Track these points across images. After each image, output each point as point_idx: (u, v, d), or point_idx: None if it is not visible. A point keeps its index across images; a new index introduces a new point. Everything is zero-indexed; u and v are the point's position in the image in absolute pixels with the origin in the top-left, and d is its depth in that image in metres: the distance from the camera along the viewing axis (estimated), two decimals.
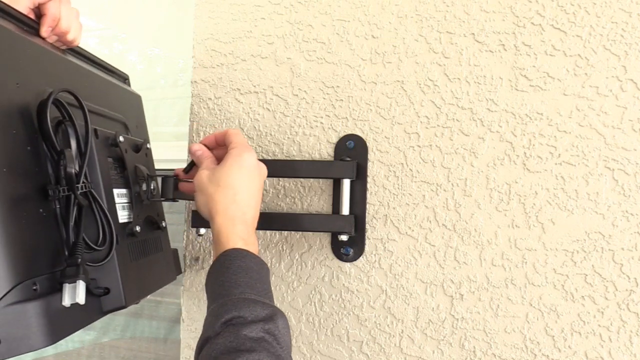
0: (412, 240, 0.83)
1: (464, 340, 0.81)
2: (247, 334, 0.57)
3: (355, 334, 0.86)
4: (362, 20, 0.86)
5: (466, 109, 0.82)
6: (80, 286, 0.54)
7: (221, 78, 0.93)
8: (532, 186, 0.79)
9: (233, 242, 0.66)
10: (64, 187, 0.56)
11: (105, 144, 0.67)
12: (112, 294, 0.61)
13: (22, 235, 0.51)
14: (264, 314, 0.60)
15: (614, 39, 0.76)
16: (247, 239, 0.67)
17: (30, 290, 0.50)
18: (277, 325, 0.60)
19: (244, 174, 0.70)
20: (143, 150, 0.77)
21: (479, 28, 0.81)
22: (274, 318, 0.60)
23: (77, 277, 0.54)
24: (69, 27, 0.69)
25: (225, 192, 0.69)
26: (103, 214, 0.61)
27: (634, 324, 0.74)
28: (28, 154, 0.55)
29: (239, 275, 0.63)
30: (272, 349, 0.57)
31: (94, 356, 1.52)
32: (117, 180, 0.68)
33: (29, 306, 0.49)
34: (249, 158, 0.71)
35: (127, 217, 0.69)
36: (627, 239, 0.75)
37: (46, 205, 0.56)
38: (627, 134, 0.75)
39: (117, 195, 0.67)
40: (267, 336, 0.58)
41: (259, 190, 0.72)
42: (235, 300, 0.60)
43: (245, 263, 0.65)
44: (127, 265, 0.65)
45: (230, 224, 0.67)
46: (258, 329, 0.58)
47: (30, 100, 0.56)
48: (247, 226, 0.69)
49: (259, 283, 0.64)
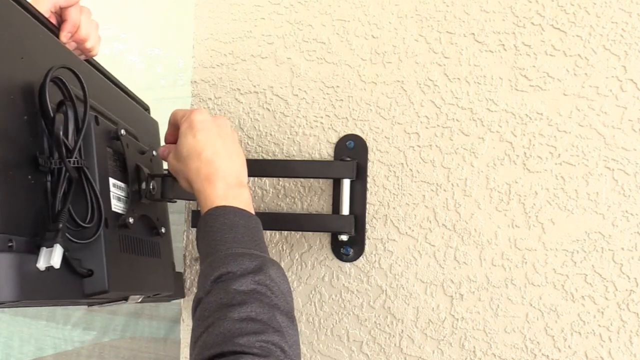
0: (412, 240, 0.83)
1: (464, 340, 0.81)
2: (237, 288, 0.56)
3: (355, 334, 0.86)
4: (362, 20, 0.86)
5: (466, 109, 0.82)
6: (57, 250, 0.53)
7: (221, 78, 0.93)
8: (532, 186, 0.79)
9: (212, 201, 0.64)
10: (56, 160, 0.56)
11: (106, 134, 0.67)
12: (95, 276, 0.60)
13: (4, 193, 0.51)
14: (252, 265, 0.58)
15: (614, 39, 0.76)
16: (227, 194, 0.64)
17: (5, 244, 0.50)
18: (269, 274, 0.58)
19: (200, 133, 0.66)
20: (148, 155, 0.78)
21: (479, 28, 0.81)
22: (263, 268, 0.58)
23: (55, 240, 0.54)
24: (88, 35, 0.70)
25: (192, 157, 0.66)
26: (93, 192, 0.60)
27: (634, 324, 0.74)
28: (24, 122, 0.55)
29: (224, 232, 0.61)
30: (266, 299, 0.56)
31: (93, 356, 1.52)
32: (115, 171, 0.68)
33: (2, 256, 0.49)
34: (199, 116, 0.67)
35: (121, 209, 0.69)
36: (627, 239, 0.75)
37: (36, 175, 0.56)
38: (627, 134, 0.75)
39: (113, 185, 0.67)
40: (258, 287, 0.57)
41: (226, 139, 0.68)
42: (223, 256, 0.59)
43: (229, 219, 0.62)
44: (116, 254, 0.65)
45: (207, 184, 0.65)
46: (248, 281, 0.57)
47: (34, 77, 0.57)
48: (225, 180, 0.65)
49: (246, 236, 0.62)
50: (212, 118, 0.69)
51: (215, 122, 0.69)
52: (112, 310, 1.47)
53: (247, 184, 0.69)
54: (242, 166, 0.69)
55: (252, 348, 0.52)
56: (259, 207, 0.91)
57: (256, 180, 0.91)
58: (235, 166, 0.68)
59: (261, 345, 0.53)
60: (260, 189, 0.91)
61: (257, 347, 0.52)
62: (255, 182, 0.91)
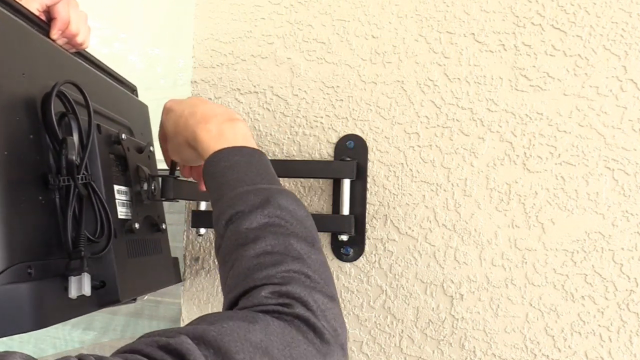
0: (412, 240, 0.83)
1: (464, 340, 0.81)
2: (249, 226, 0.55)
3: (355, 334, 0.86)
4: (362, 20, 0.86)
5: (466, 109, 0.82)
6: (86, 278, 0.54)
7: (221, 78, 0.93)
8: (532, 186, 0.79)
9: (207, 147, 0.62)
10: (65, 177, 0.56)
11: (108, 140, 0.67)
12: (107, 288, 0.61)
13: (19, 218, 0.51)
14: (259, 200, 0.57)
15: (614, 39, 0.76)
16: (221, 130, 0.63)
17: (25, 273, 0.50)
18: (278, 204, 0.57)
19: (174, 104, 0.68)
20: (146, 152, 0.78)
21: (479, 28, 0.81)
22: (270, 200, 0.57)
23: (82, 269, 0.54)
24: (78, 30, 0.69)
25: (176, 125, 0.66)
26: (102, 206, 0.60)
27: (634, 324, 0.74)
28: (30, 141, 0.55)
29: (227, 175, 0.60)
30: (280, 229, 0.55)
31: None
32: (118, 177, 0.68)
33: (23, 287, 0.49)
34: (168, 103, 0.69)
35: (126, 214, 0.69)
36: (627, 239, 0.75)
37: (46, 194, 0.55)
38: (627, 134, 0.75)
39: (118, 192, 0.67)
40: (270, 220, 0.56)
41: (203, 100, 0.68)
42: (229, 198, 0.58)
43: (229, 161, 0.61)
44: (125, 261, 0.65)
45: (198, 131, 0.63)
46: (258, 217, 0.56)
47: (36, 92, 0.56)
48: (215, 119, 0.63)
49: (250, 172, 0.60)
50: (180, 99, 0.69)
51: (191, 98, 0.69)
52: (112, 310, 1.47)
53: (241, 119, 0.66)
54: (228, 109, 0.67)
55: (273, 279, 0.52)
56: None
57: None
58: (219, 108, 0.66)
59: (282, 276, 0.52)
60: None
61: (278, 277, 0.52)
62: None
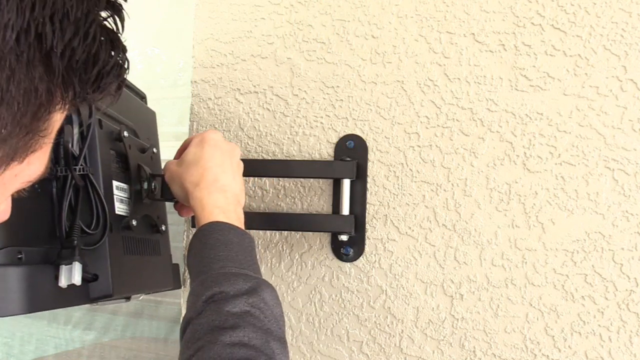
0: (412, 240, 0.83)
1: (464, 340, 0.81)
2: (230, 310, 0.54)
3: (355, 334, 0.86)
4: (362, 20, 0.86)
5: (466, 109, 0.82)
6: (77, 268, 0.54)
7: (221, 78, 0.93)
8: (532, 186, 0.79)
9: (209, 212, 0.63)
10: (62, 167, 0.56)
11: (109, 137, 0.67)
12: (100, 281, 0.61)
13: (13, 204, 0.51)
14: (246, 286, 0.56)
15: (614, 39, 0.76)
16: (225, 208, 0.64)
17: (14, 257, 0.50)
18: (262, 297, 0.56)
19: (209, 147, 0.67)
20: (148, 153, 0.78)
21: (479, 28, 0.81)
22: (257, 290, 0.56)
23: (73, 258, 0.54)
24: None
25: (195, 166, 0.66)
26: (98, 198, 0.60)
27: (634, 324, 0.74)
28: None
29: (218, 249, 0.60)
30: (259, 322, 0.54)
31: (94, 356, 1.53)
32: (118, 173, 0.68)
33: (12, 270, 0.50)
34: (212, 134, 0.68)
35: (124, 211, 0.69)
36: (627, 239, 0.75)
37: (42, 183, 0.55)
38: (627, 134, 0.75)
39: (116, 188, 0.67)
40: (252, 310, 0.55)
41: (233, 159, 0.69)
42: (216, 275, 0.57)
43: (224, 236, 0.61)
44: (120, 257, 0.65)
45: (206, 194, 0.64)
46: (241, 303, 0.55)
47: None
48: (225, 195, 0.65)
49: (241, 255, 0.61)
50: (225, 140, 0.69)
51: (228, 143, 0.70)
52: (112, 310, 1.47)
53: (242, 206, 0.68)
54: (242, 190, 0.69)
55: None
56: (259, 207, 0.91)
57: (256, 180, 0.91)
58: (236, 185, 0.67)
59: None
60: (260, 189, 0.91)
61: None
62: (255, 182, 0.91)
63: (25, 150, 0.35)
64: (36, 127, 0.34)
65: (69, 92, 0.35)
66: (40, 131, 0.35)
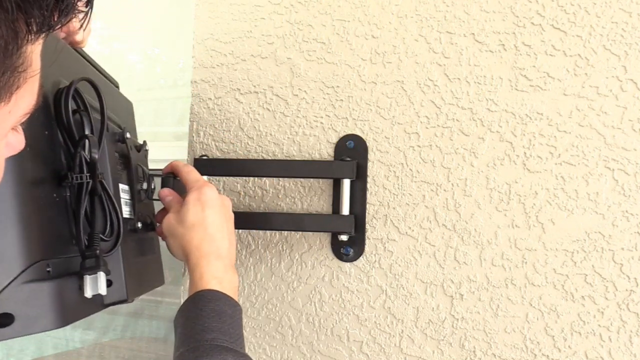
0: (412, 240, 0.83)
1: (464, 340, 0.81)
2: None
3: (355, 334, 0.86)
4: (362, 20, 0.86)
5: (466, 109, 0.82)
6: (102, 278, 0.54)
7: (221, 78, 0.93)
8: (532, 186, 0.79)
9: (206, 281, 0.66)
10: (78, 175, 0.56)
11: (113, 139, 0.67)
12: (115, 287, 0.61)
13: (37, 216, 0.51)
14: None
15: (614, 39, 0.76)
16: (222, 277, 0.67)
17: (44, 271, 0.50)
18: None
19: (209, 209, 0.70)
20: (143, 151, 0.77)
21: (479, 28, 0.81)
22: None
23: (98, 268, 0.54)
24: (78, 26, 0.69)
25: (196, 229, 0.69)
26: (112, 205, 0.60)
27: (634, 324, 0.74)
28: (45, 137, 0.54)
29: (212, 319, 0.63)
30: None
31: (94, 356, 1.52)
32: (121, 175, 0.68)
33: (45, 285, 0.49)
34: (209, 192, 0.71)
35: (128, 213, 0.69)
36: (627, 239, 0.75)
37: (59, 191, 0.55)
38: (627, 134, 0.75)
39: (122, 191, 0.67)
40: None
41: (229, 221, 0.72)
42: (208, 347, 0.60)
43: (219, 307, 0.64)
44: (130, 260, 0.65)
45: (205, 262, 0.67)
46: None
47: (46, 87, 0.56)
48: (222, 261, 0.68)
49: (232, 328, 0.64)
50: (219, 197, 0.72)
51: (223, 202, 0.72)
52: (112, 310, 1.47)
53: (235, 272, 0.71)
54: (234, 246, 0.73)
55: None
56: (259, 207, 0.91)
57: (256, 180, 0.91)
58: (232, 249, 0.71)
59: None
60: (260, 189, 0.91)
61: None
62: (255, 182, 0.91)
63: (9, 88, 0.34)
64: (11, 64, 0.33)
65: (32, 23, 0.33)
66: (16, 67, 0.34)
